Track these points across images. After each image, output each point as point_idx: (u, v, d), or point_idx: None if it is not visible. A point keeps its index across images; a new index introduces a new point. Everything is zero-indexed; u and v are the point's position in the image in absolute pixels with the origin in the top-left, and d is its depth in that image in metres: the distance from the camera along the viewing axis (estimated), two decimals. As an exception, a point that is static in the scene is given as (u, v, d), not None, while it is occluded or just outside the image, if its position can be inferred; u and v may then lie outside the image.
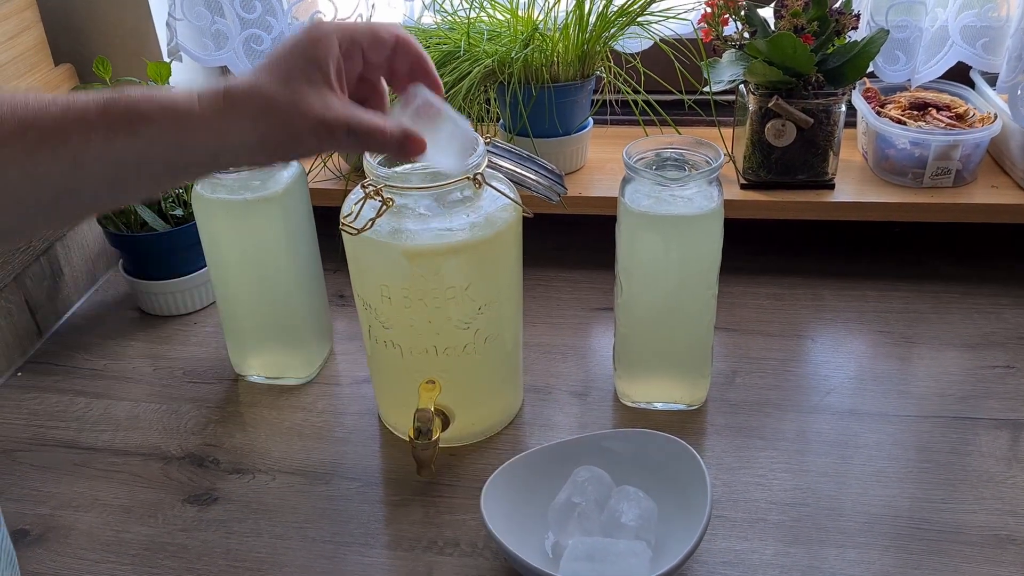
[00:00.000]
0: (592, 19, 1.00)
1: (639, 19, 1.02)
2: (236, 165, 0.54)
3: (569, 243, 1.14)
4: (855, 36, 1.00)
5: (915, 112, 1.06)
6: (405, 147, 0.57)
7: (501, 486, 0.72)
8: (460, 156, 0.65)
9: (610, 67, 1.06)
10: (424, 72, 0.60)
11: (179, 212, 1.01)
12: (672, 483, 0.72)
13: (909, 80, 1.10)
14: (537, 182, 0.79)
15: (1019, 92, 0.99)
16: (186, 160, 0.52)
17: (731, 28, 1.04)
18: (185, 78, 1.19)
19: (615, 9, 1.00)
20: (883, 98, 1.10)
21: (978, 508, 0.74)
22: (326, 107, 0.53)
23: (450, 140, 0.61)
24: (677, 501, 0.71)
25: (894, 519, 0.73)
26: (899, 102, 1.08)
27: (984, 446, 0.80)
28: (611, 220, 0.81)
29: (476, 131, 0.76)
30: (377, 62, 0.58)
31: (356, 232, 0.71)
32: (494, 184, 0.74)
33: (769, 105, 0.98)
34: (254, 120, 0.51)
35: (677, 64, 1.04)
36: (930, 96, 1.08)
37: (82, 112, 0.48)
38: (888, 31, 0.97)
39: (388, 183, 0.71)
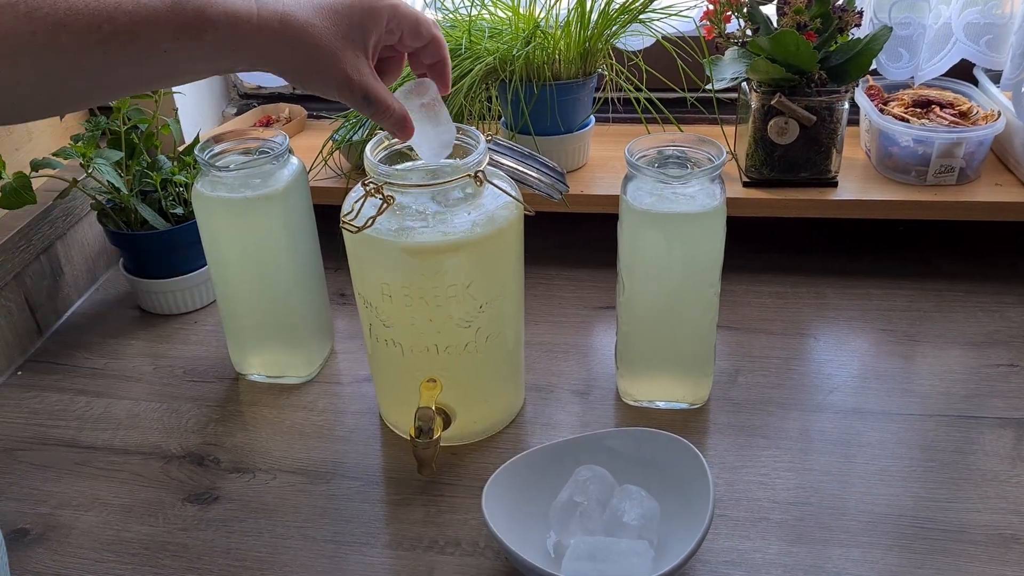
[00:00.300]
0: (594, 16, 1.00)
1: (641, 16, 1.02)
2: (267, 71, 0.61)
3: (570, 241, 1.13)
4: (858, 33, 1.00)
5: (918, 110, 1.05)
6: (402, 128, 0.67)
7: (502, 485, 0.71)
8: (438, 153, 0.72)
9: (612, 65, 1.05)
10: (441, 73, 0.69)
11: (179, 210, 1.01)
12: (674, 482, 0.72)
13: (912, 78, 1.09)
14: (539, 180, 0.79)
15: (1023, 89, 0.98)
16: (230, 64, 0.57)
17: (733, 25, 1.03)
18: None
19: (617, 6, 1.00)
20: (886, 96, 1.10)
21: (982, 507, 0.73)
22: (357, 70, 0.61)
23: (435, 137, 0.71)
24: (679, 500, 0.71)
25: (898, 518, 0.73)
26: (902, 100, 1.08)
27: (988, 445, 0.80)
28: (613, 218, 0.81)
29: (478, 129, 0.76)
30: (408, 46, 0.66)
31: (357, 230, 0.71)
32: (496, 182, 0.73)
33: (772, 103, 0.97)
34: (296, 51, 0.58)
35: (679, 62, 1.03)
36: (933, 94, 1.08)
37: (153, 11, 0.52)
38: (891, 28, 0.96)
39: (389, 181, 0.71)
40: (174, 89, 1.07)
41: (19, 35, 0.48)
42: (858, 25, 0.98)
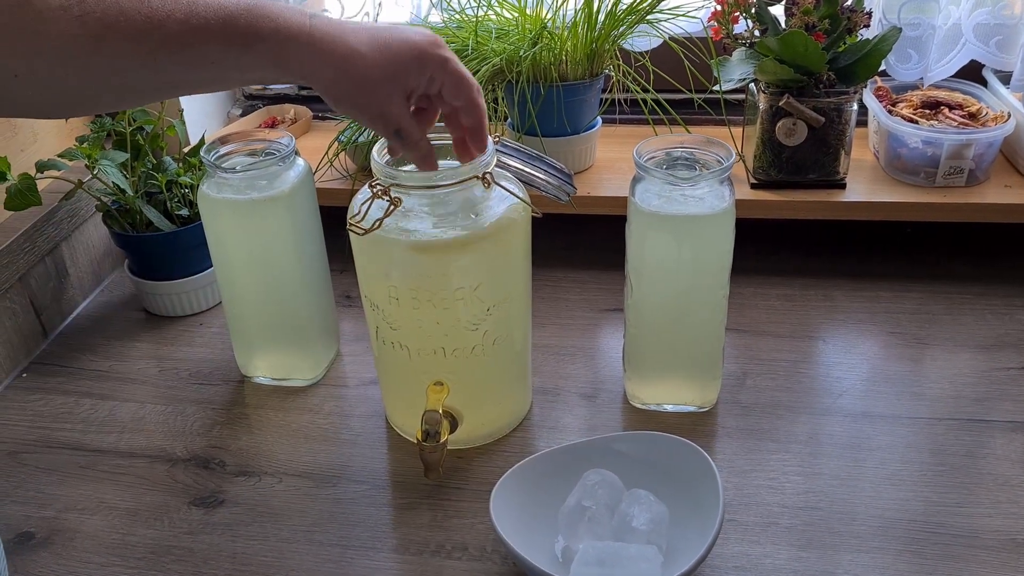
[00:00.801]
0: (601, 17, 0.99)
1: (648, 17, 1.01)
2: (306, 86, 0.63)
3: (576, 243, 1.13)
4: (867, 34, 0.99)
5: (927, 111, 1.05)
6: (426, 161, 0.69)
7: (510, 489, 0.71)
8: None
9: (619, 66, 1.05)
10: (476, 138, 0.70)
11: (185, 212, 1.01)
12: (683, 487, 0.71)
13: (921, 79, 1.09)
14: (547, 182, 0.78)
15: (1033, 90, 0.98)
16: (276, 76, 0.59)
17: (741, 26, 1.03)
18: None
19: (624, 7, 0.99)
20: (895, 97, 1.09)
21: (994, 512, 0.73)
22: (393, 104, 0.63)
23: None
24: (688, 505, 0.70)
25: (908, 523, 0.72)
26: (911, 101, 1.07)
27: (999, 449, 0.79)
28: (619, 220, 0.80)
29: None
30: (446, 102, 0.67)
31: (364, 232, 0.71)
32: (503, 184, 0.73)
33: (780, 104, 0.97)
34: (341, 77, 0.60)
35: (687, 63, 1.03)
36: (942, 95, 1.07)
37: (204, 22, 0.53)
38: (900, 29, 0.96)
39: (396, 183, 0.71)
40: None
41: (70, 36, 0.49)
42: (867, 26, 0.98)
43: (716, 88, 1.00)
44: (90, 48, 0.50)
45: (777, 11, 1.00)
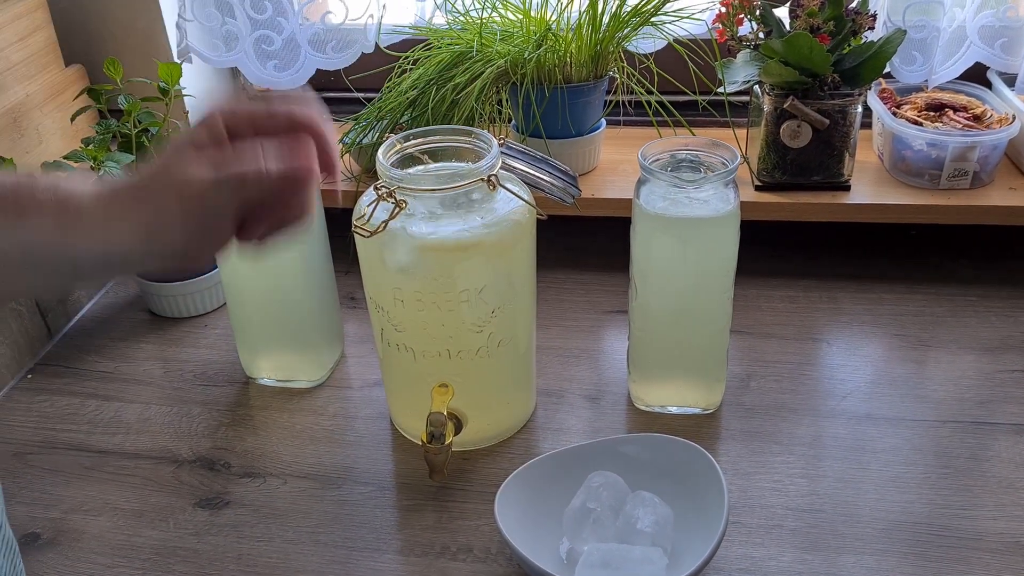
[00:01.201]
0: (605, 19, 0.99)
1: (653, 19, 1.01)
2: (131, 268, 0.53)
3: (580, 244, 1.13)
4: (871, 36, 0.99)
5: (932, 113, 1.05)
6: (299, 172, 0.51)
7: (515, 491, 0.71)
8: None
9: (623, 68, 1.05)
10: (323, 161, 0.53)
11: (190, 214, 1.01)
12: (688, 489, 0.71)
13: (926, 81, 1.09)
14: (551, 184, 0.78)
15: (1038, 93, 0.98)
16: (70, 256, 0.50)
17: (746, 28, 1.03)
18: (197, 79, 1.19)
19: (628, 9, 0.99)
20: (899, 99, 1.09)
21: (998, 515, 0.73)
22: (188, 171, 0.49)
23: None
24: (693, 507, 0.70)
25: (913, 526, 0.72)
26: (915, 103, 1.07)
27: (1004, 451, 0.79)
28: (623, 222, 0.80)
29: (488, 132, 0.75)
30: (275, 135, 0.52)
31: (369, 234, 0.71)
32: (508, 186, 0.73)
33: (784, 106, 0.97)
34: (134, 207, 0.49)
35: (691, 65, 1.03)
36: (947, 97, 1.07)
37: None
38: (905, 31, 0.96)
39: (401, 185, 0.71)
40: (184, 92, 1.07)
41: None
42: (871, 28, 0.98)
43: (720, 90, 1.00)
44: None
45: (782, 13, 1.00)
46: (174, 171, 0.50)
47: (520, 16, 1.04)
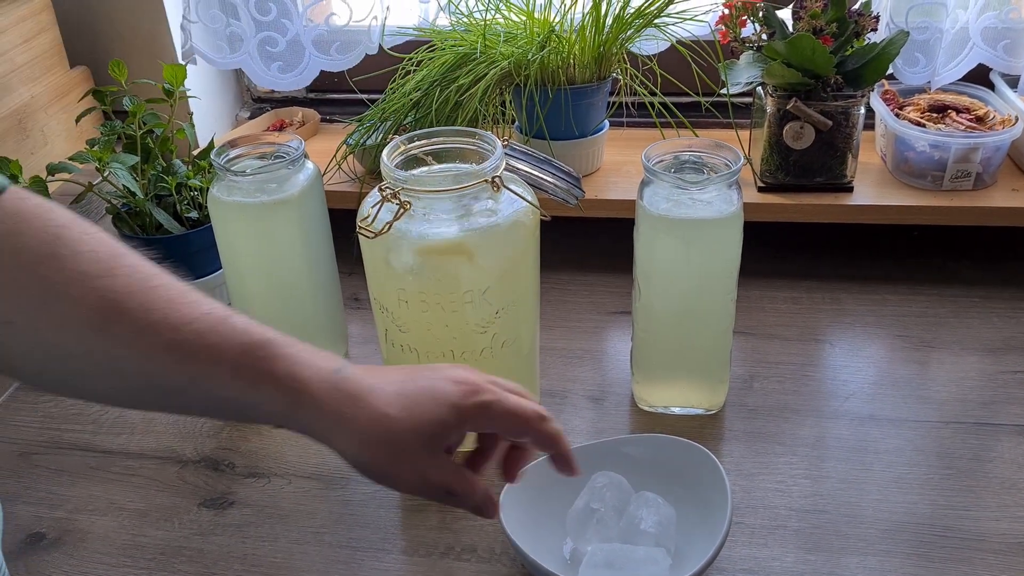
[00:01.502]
0: (609, 21, 0.99)
1: (656, 21, 1.01)
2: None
3: (582, 245, 1.13)
4: (874, 38, 0.99)
5: (934, 114, 1.05)
6: (485, 509, 0.57)
7: (518, 491, 0.71)
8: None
9: (626, 69, 1.05)
10: (562, 463, 0.59)
11: (194, 214, 1.01)
12: (691, 489, 0.72)
13: (929, 82, 1.09)
14: (555, 185, 0.79)
15: (1041, 94, 0.98)
16: (290, 428, 0.52)
17: (749, 30, 1.03)
18: (201, 81, 1.19)
19: (632, 11, 0.99)
20: (902, 100, 1.09)
21: (1001, 515, 0.73)
22: (432, 469, 0.54)
23: None
24: (696, 507, 0.70)
25: (916, 526, 0.72)
26: (918, 104, 1.07)
27: (1007, 452, 0.79)
28: (626, 223, 0.80)
29: (492, 133, 0.75)
30: (511, 439, 0.59)
31: (374, 235, 0.71)
32: (512, 187, 0.73)
33: (787, 107, 0.97)
34: (367, 448, 0.52)
35: (694, 66, 1.03)
36: (949, 98, 1.07)
37: (217, 342, 0.49)
38: (908, 33, 0.96)
39: (406, 186, 0.71)
40: (189, 93, 1.08)
41: (83, 304, 0.47)
42: (874, 29, 0.98)
43: (723, 91, 1.01)
44: (96, 326, 0.47)
45: (785, 15, 1.01)
46: (419, 463, 0.53)
47: (524, 18, 1.05)
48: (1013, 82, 1.06)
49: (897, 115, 1.05)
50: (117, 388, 0.51)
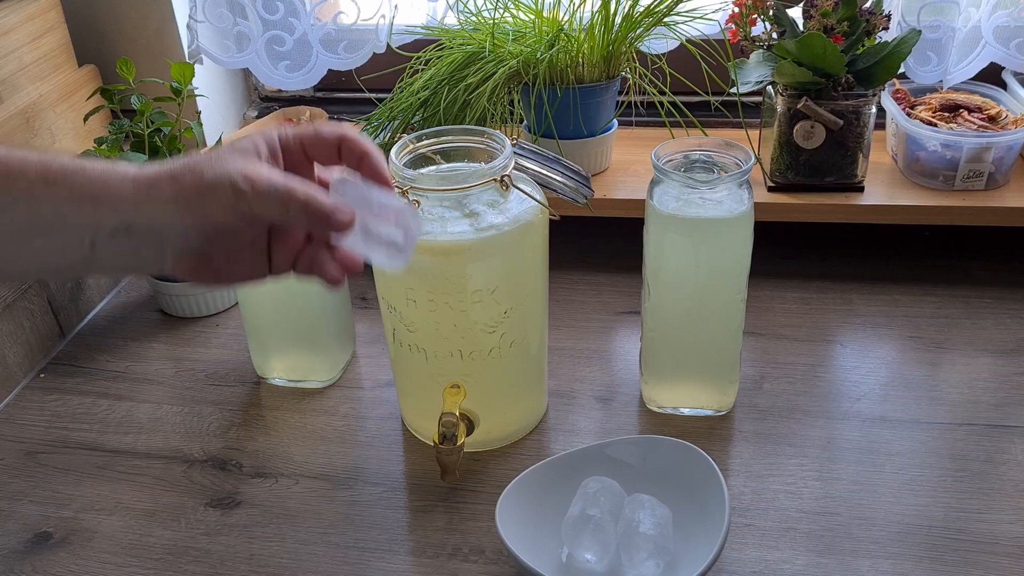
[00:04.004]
0: (618, 20, 0.99)
1: (665, 19, 1.01)
2: (152, 258, 0.53)
3: (591, 245, 1.12)
4: (886, 36, 0.98)
5: (946, 114, 1.04)
6: (334, 217, 0.52)
7: (514, 501, 0.70)
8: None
9: (636, 68, 1.05)
10: (372, 169, 0.56)
11: (202, 214, 1.01)
12: (686, 489, 0.71)
13: (941, 81, 1.08)
14: (564, 184, 0.78)
15: (1054, 93, 0.97)
16: (99, 220, 0.51)
17: (759, 28, 1.02)
18: (209, 80, 1.19)
19: (641, 9, 0.99)
20: (913, 99, 1.08)
21: (1014, 518, 0.72)
22: (250, 166, 0.51)
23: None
24: (694, 508, 0.70)
25: (928, 529, 0.72)
26: (930, 103, 1.06)
27: (1020, 455, 0.78)
28: (634, 222, 0.80)
29: (501, 132, 0.75)
30: (322, 160, 0.57)
31: (381, 234, 0.71)
32: (520, 186, 0.73)
33: (798, 106, 0.96)
34: (174, 180, 0.51)
35: (704, 65, 1.02)
36: (961, 97, 1.06)
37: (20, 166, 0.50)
38: (920, 31, 0.95)
39: (414, 185, 0.71)
40: (196, 92, 1.07)
41: None
42: (886, 28, 0.97)
43: (733, 91, 1.00)
44: None
45: (795, 13, 1.00)
46: (228, 164, 0.51)
47: (532, 16, 1.04)
48: (1026, 81, 1.05)
49: (908, 114, 1.04)
50: None
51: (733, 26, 1.02)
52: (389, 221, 0.56)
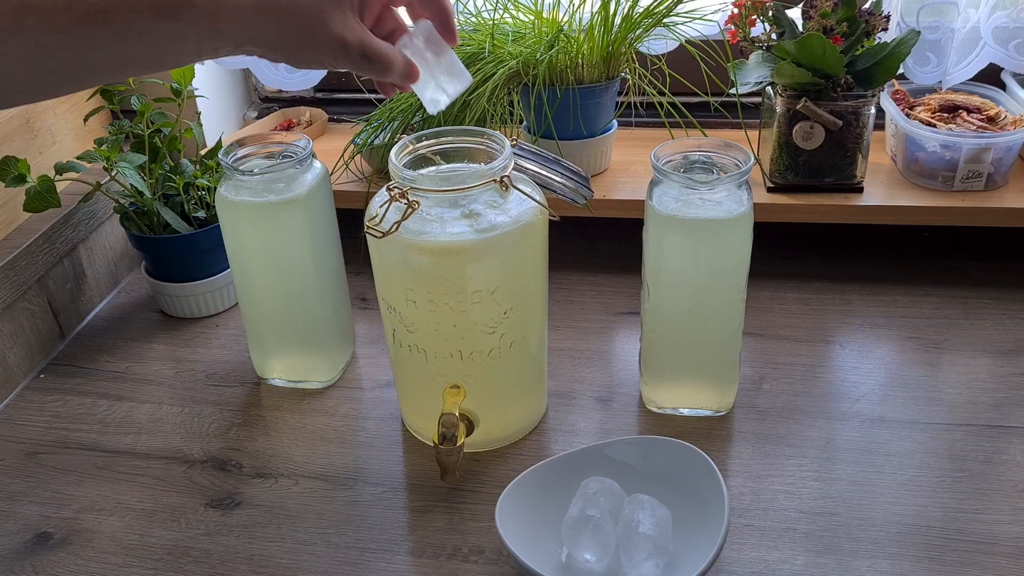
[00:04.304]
0: (617, 20, 0.99)
1: (665, 20, 1.01)
2: (254, 54, 0.58)
3: (590, 246, 1.13)
4: (885, 37, 0.99)
5: (945, 114, 1.04)
6: (407, 76, 0.63)
7: (514, 501, 0.70)
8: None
9: (635, 69, 1.05)
10: (445, 26, 0.64)
11: (201, 214, 1.01)
12: (686, 489, 0.71)
13: (940, 82, 1.08)
14: (563, 185, 0.78)
15: (1053, 94, 0.97)
16: (214, 46, 0.55)
17: (758, 29, 1.02)
18: (209, 80, 1.19)
19: (641, 10, 0.99)
20: (912, 100, 1.09)
21: (1013, 519, 0.72)
22: (347, 27, 0.58)
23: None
24: (693, 508, 0.70)
25: (927, 529, 0.72)
26: (929, 104, 1.06)
27: (1019, 455, 0.78)
28: (634, 223, 0.80)
29: (501, 133, 0.75)
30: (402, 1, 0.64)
31: (382, 235, 0.71)
32: (520, 187, 0.73)
33: (797, 107, 0.96)
34: (278, 21, 0.55)
35: (703, 66, 1.02)
36: (960, 98, 1.07)
37: (132, 6, 0.51)
38: (919, 32, 0.95)
39: (414, 186, 0.71)
40: (196, 93, 1.07)
41: None
42: (885, 29, 0.97)
43: (732, 91, 1.00)
44: (6, 28, 0.49)
45: (795, 14, 1.00)
46: (330, 25, 0.57)
47: (532, 17, 1.04)
48: (1024, 82, 1.05)
49: (908, 115, 1.04)
50: (56, 82, 0.54)
51: (732, 27, 1.02)
52: (441, 75, 0.66)
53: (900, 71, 0.99)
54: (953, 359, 0.91)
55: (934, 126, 1.02)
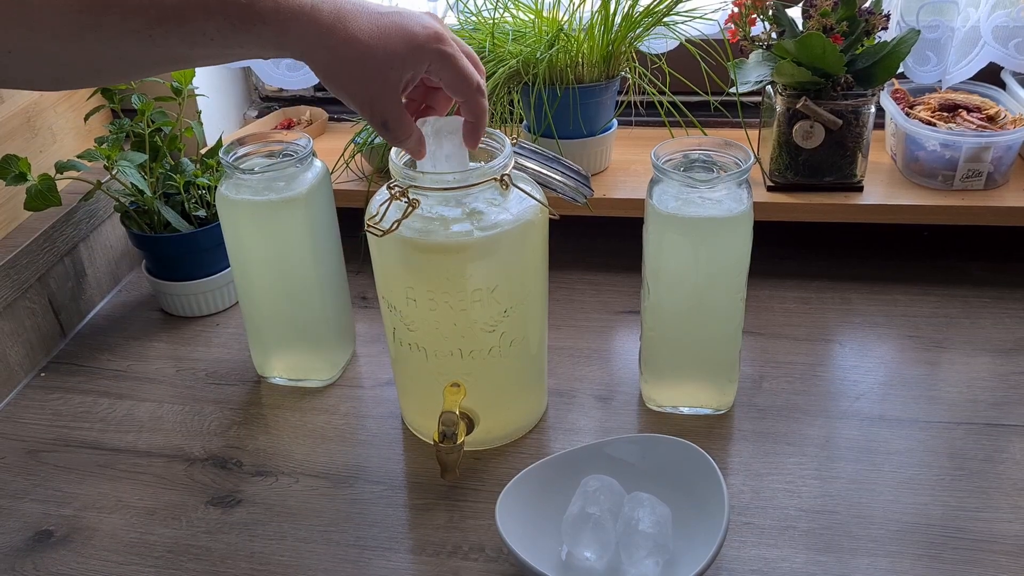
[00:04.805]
0: (617, 19, 0.99)
1: (665, 19, 1.01)
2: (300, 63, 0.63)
3: (590, 245, 1.13)
4: (885, 36, 0.99)
5: (945, 113, 1.04)
6: (414, 153, 0.69)
7: (514, 499, 0.71)
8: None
9: (635, 68, 1.05)
10: (472, 132, 0.69)
11: (202, 213, 1.01)
12: (685, 488, 0.71)
13: (940, 81, 1.08)
14: (563, 183, 0.78)
15: (1053, 93, 0.97)
16: (274, 55, 0.59)
17: (758, 28, 1.02)
18: (209, 79, 1.19)
19: (641, 9, 0.99)
20: (912, 99, 1.09)
21: (1013, 517, 0.72)
22: (384, 96, 0.62)
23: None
24: (693, 506, 0.70)
25: (927, 528, 0.72)
26: (928, 103, 1.07)
27: (1019, 453, 0.78)
28: (635, 222, 0.80)
29: (501, 132, 0.75)
30: (445, 94, 0.68)
31: (382, 233, 0.71)
32: (520, 185, 0.73)
33: (797, 106, 0.97)
34: (336, 63, 0.60)
35: (703, 65, 1.03)
36: (960, 97, 1.07)
37: (207, 13, 0.54)
38: (919, 31, 0.95)
39: (414, 184, 0.71)
40: (197, 92, 1.08)
41: (65, 11, 0.50)
42: (885, 28, 0.97)
43: (732, 90, 1.00)
44: (86, 23, 0.51)
45: (795, 13, 1.00)
46: (375, 80, 0.61)
47: (532, 16, 1.04)
48: (1024, 81, 1.05)
49: (907, 114, 1.05)
50: (132, 70, 0.59)
51: (732, 26, 1.02)
52: (442, 160, 0.71)
53: (900, 70, 0.99)
54: (953, 358, 0.91)
55: (934, 125, 1.02)
